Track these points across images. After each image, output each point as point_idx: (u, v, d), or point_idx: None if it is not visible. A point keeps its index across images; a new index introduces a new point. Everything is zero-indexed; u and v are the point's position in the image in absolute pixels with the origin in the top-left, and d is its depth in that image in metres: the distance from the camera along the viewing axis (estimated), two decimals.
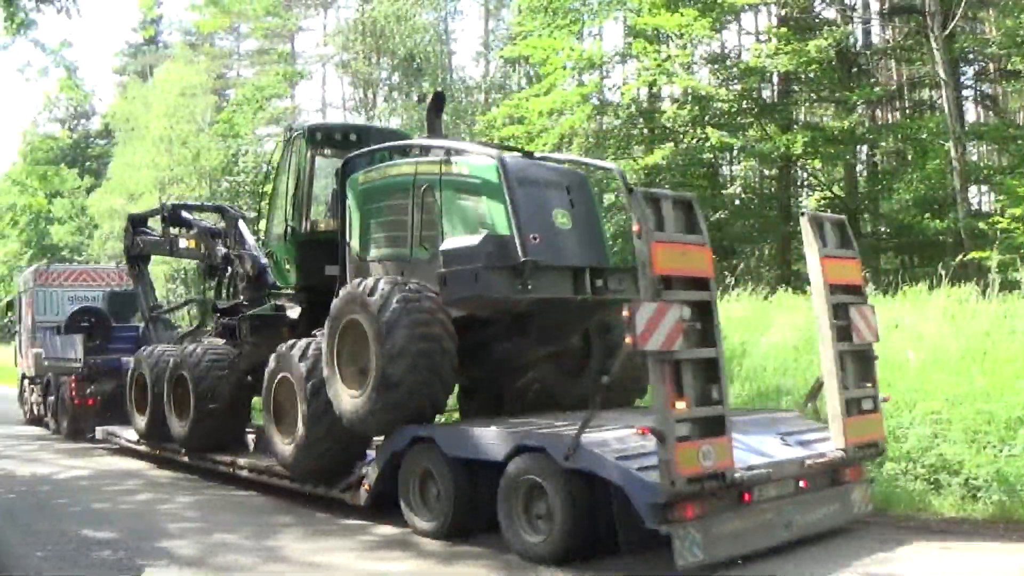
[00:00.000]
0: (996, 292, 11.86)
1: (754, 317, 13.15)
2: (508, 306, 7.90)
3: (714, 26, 21.00)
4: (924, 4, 18.62)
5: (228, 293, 12.18)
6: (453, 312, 7.94)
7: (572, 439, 6.48)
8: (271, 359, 9.29)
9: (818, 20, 22.17)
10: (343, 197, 9.39)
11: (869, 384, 7.49)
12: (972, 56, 21.21)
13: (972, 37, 20.46)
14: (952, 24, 17.99)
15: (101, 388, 15.72)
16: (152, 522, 8.76)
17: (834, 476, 7.28)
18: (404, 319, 7.63)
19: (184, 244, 13.35)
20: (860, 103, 20.89)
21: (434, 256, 8.17)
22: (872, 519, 7.74)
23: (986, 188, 21.01)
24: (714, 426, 6.23)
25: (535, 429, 7.23)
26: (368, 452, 8.80)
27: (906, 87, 23.29)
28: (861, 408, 7.39)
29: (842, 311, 7.35)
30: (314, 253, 9.86)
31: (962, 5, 17.74)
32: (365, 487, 8.34)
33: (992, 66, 21.44)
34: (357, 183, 9.27)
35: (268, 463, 9.79)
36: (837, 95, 21.29)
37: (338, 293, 8.56)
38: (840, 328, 7.28)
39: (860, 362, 7.47)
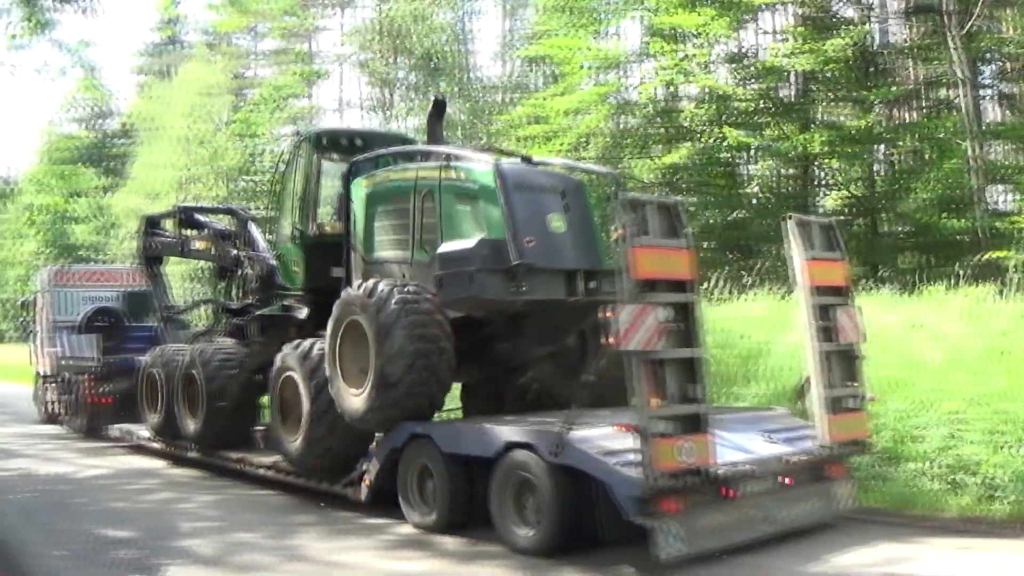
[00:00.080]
0: (1015, 291, 11.78)
1: (772, 316, 13.07)
2: (503, 307, 8.12)
3: (732, 25, 21.00)
4: (942, 3, 18.50)
5: (239, 294, 12.33)
6: (451, 313, 8.16)
7: (557, 436, 6.70)
8: (277, 358, 9.55)
9: (836, 19, 22.08)
10: (348, 201, 9.59)
11: (855, 383, 7.63)
12: (990, 55, 21.01)
13: (990, 36, 20.27)
14: (970, 23, 17.83)
15: (117, 387, 15.83)
16: (170, 521, 8.82)
17: (818, 473, 7.45)
18: (402, 320, 7.86)
19: (196, 246, 13.52)
20: (878, 102, 20.77)
21: (433, 259, 8.37)
22: (890, 519, 7.84)
23: (1005, 187, 20.78)
24: (694, 423, 6.43)
25: (525, 427, 7.43)
26: (370, 449, 8.97)
27: (924, 86, 23.11)
28: (845, 406, 7.53)
29: (828, 312, 7.50)
30: (321, 255, 10.05)
31: (980, 4, 17.60)
32: (366, 483, 8.57)
33: (1010, 65, 21.25)
34: (361, 187, 9.49)
35: (275, 459, 10.04)
36: (855, 94, 21.20)
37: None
38: (825, 328, 7.44)
39: (845, 362, 7.64)
